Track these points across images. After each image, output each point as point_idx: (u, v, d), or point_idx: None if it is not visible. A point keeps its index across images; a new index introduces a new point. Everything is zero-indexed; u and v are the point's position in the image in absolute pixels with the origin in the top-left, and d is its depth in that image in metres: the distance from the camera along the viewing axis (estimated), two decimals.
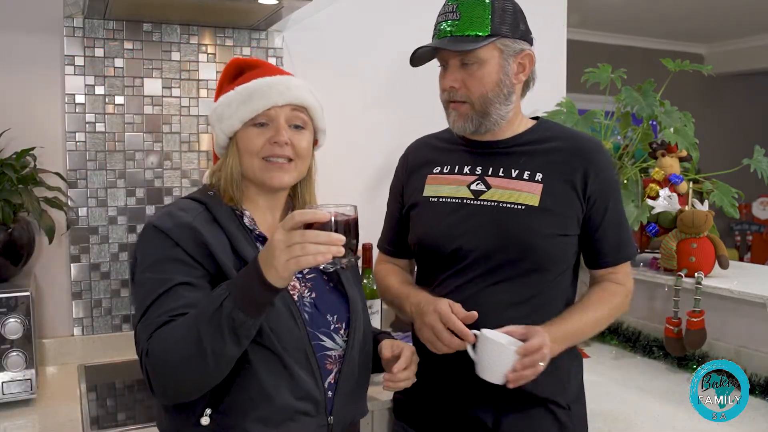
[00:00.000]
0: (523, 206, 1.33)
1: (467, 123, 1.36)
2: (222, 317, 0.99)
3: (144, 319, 1.07)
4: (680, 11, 4.82)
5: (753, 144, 2.23)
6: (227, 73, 1.27)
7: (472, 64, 1.31)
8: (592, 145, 1.40)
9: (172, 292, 1.07)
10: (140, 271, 1.11)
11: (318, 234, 0.96)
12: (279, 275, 0.97)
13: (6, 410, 1.56)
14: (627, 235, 1.43)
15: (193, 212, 1.14)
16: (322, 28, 2.20)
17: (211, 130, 1.25)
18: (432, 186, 1.44)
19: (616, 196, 1.40)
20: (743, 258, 5.90)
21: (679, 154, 2.16)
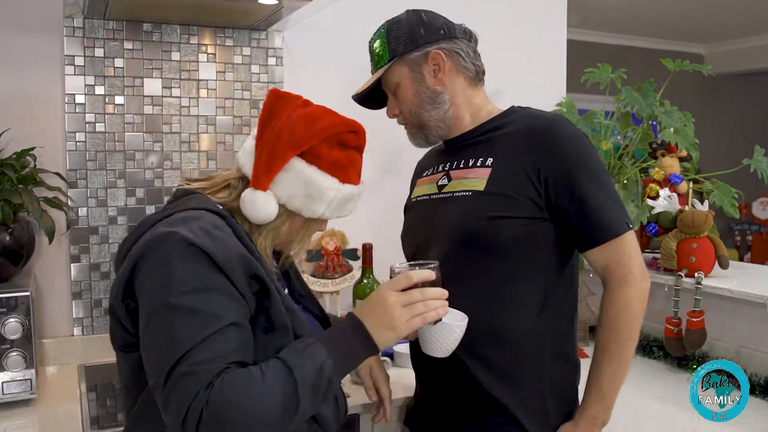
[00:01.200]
0: (470, 192, 1.32)
1: (416, 139, 1.44)
2: (322, 379, 0.95)
3: (189, 362, 0.88)
4: (680, 11, 4.82)
5: (753, 144, 2.23)
6: (348, 138, 1.11)
7: (394, 90, 1.40)
8: (545, 123, 1.32)
9: (223, 333, 0.91)
10: (172, 296, 0.91)
11: (434, 291, 1.06)
12: (398, 335, 1.01)
13: (6, 410, 1.56)
14: (608, 214, 1.28)
15: (227, 233, 1.00)
16: (322, 28, 2.20)
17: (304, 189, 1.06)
18: (417, 188, 1.52)
19: (584, 171, 1.27)
20: (743, 258, 5.90)
21: (679, 154, 2.16)
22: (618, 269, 1.28)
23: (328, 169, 1.08)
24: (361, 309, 1.03)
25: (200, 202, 1.06)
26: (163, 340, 0.91)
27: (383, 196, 2.33)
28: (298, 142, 1.05)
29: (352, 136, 1.11)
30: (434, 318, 1.05)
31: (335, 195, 1.08)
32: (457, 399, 1.33)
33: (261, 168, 1.06)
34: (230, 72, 2.11)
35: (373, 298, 1.04)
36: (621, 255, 1.28)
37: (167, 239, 0.95)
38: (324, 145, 1.07)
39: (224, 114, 2.11)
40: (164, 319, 0.91)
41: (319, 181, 1.06)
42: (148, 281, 0.94)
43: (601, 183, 1.29)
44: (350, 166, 1.11)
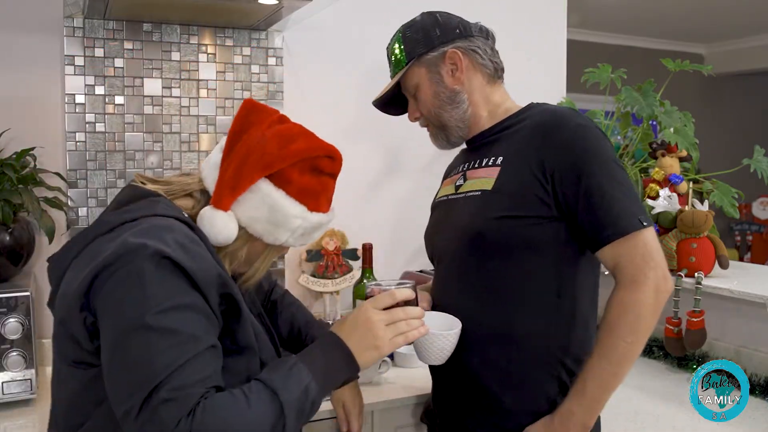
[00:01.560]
0: (480, 192, 1.30)
1: (437, 140, 1.44)
2: (307, 402, 0.92)
3: (169, 388, 0.82)
4: (680, 11, 4.82)
5: (753, 144, 2.23)
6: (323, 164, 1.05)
7: (414, 93, 1.40)
8: (555, 118, 1.27)
9: (203, 356, 0.86)
10: (148, 315, 0.83)
11: (414, 309, 1.06)
12: (381, 354, 1.00)
13: (6, 410, 1.56)
14: (617, 210, 1.18)
15: (202, 247, 0.94)
16: (322, 28, 2.20)
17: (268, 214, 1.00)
18: (441, 189, 1.51)
19: (591, 163, 1.20)
20: (743, 258, 5.90)
21: (679, 154, 2.16)
22: (627, 268, 1.18)
23: (297, 196, 1.01)
24: (343, 328, 1.01)
25: (167, 208, 0.97)
26: (138, 363, 0.83)
27: (384, 197, 2.33)
28: (268, 163, 0.98)
29: (327, 162, 1.05)
30: (416, 336, 1.05)
31: (301, 224, 1.02)
32: (465, 400, 1.32)
33: (225, 186, 0.98)
34: (230, 72, 2.11)
35: (356, 316, 1.01)
36: (633, 255, 1.18)
37: (139, 251, 0.86)
38: (295, 169, 1.00)
39: (224, 114, 2.11)
40: (140, 340, 0.83)
41: (285, 208, 1.00)
42: (115, 297, 0.86)
43: (610, 175, 1.20)
44: (322, 193, 1.04)
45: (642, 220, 1.19)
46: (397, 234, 2.34)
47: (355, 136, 2.26)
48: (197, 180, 1.05)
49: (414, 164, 2.37)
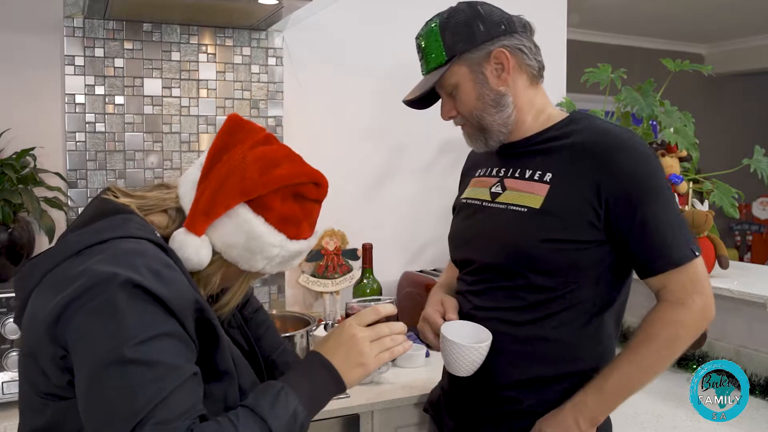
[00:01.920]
0: (526, 208, 1.25)
1: (474, 141, 1.35)
2: (296, 425, 0.89)
3: (153, 422, 0.78)
4: (680, 11, 4.81)
5: (753, 144, 2.23)
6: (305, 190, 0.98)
7: (452, 91, 1.31)
8: (613, 140, 1.23)
9: (185, 386, 0.82)
10: (126, 348, 0.79)
11: (398, 325, 1.02)
12: (367, 371, 0.97)
13: (6, 410, 1.56)
14: (671, 240, 1.19)
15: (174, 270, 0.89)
16: (322, 28, 2.20)
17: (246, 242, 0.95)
18: (469, 189, 1.43)
19: (650, 195, 1.19)
20: (743, 258, 5.90)
21: (679, 154, 2.16)
22: (676, 292, 1.20)
23: (277, 224, 0.95)
24: (326, 346, 0.97)
25: (139, 227, 0.91)
26: (118, 398, 0.79)
27: (384, 197, 2.33)
28: (248, 189, 0.93)
29: (311, 189, 0.98)
30: (401, 352, 1.01)
31: (279, 252, 0.97)
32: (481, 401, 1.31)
33: (200, 210, 0.93)
34: (230, 72, 2.11)
35: (340, 333, 0.98)
36: (683, 281, 1.20)
37: (110, 281, 0.81)
38: (277, 195, 0.95)
39: (224, 114, 2.11)
40: (118, 375, 0.79)
41: (264, 236, 0.94)
42: (88, 330, 0.81)
43: (665, 204, 1.20)
44: (304, 220, 0.99)
45: (694, 249, 1.21)
46: (397, 234, 2.34)
47: (355, 136, 2.26)
48: (174, 196, 0.99)
49: (414, 164, 2.37)
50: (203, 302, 0.89)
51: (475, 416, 1.33)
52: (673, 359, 1.22)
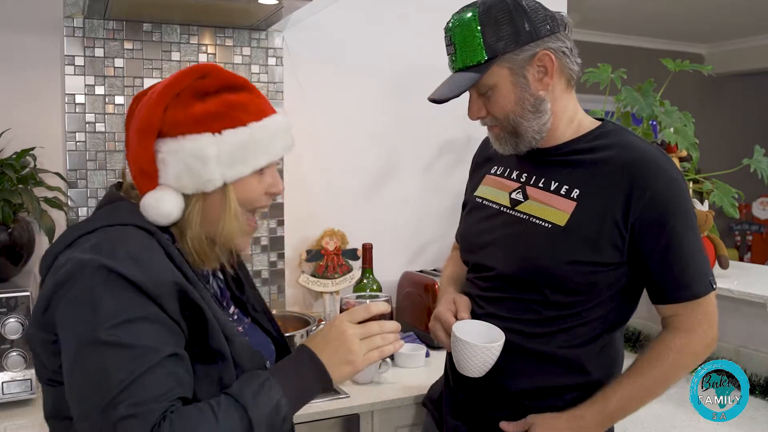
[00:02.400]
0: (550, 224, 1.21)
1: (504, 145, 1.27)
2: (278, 417, 0.89)
3: (128, 403, 0.80)
4: (680, 11, 4.82)
5: (753, 144, 2.23)
6: (198, 86, 0.95)
7: (486, 91, 1.22)
8: (645, 160, 1.18)
9: (161, 367, 0.83)
10: (100, 331, 0.82)
11: (390, 324, 1.01)
12: (355, 369, 0.96)
13: (6, 410, 1.56)
14: (693, 270, 1.18)
15: (157, 254, 0.90)
16: (322, 28, 2.20)
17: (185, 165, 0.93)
18: (484, 187, 1.39)
19: (677, 222, 1.17)
20: (743, 258, 5.89)
21: (679, 154, 2.16)
22: (687, 321, 1.21)
23: (196, 129, 0.93)
24: (315, 341, 0.97)
25: (127, 214, 0.94)
26: (94, 380, 0.82)
27: (383, 197, 2.33)
28: (145, 126, 0.93)
29: (206, 82, 0.95)
30: (391, 351, 1.00)
31: (218, 149, 0.93)
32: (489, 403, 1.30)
33: (136, 172, 0.96)
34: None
35: (330, 329, 0.97)
36: (696, 312, 1.21)
37: (86, 267, 0.85)
38: (177, 109, 0.93)
39: None
40: (93, 357, 0.82)
41: (188, 147, 0.92)
42: (69, 315, 0.85)
43: (690, 232, 1.19)
44: (229, 111, 0.95)
45: (712, 282, 1.21)
46: (397, 234, 2.34)
47: (355, 136, 2.26)
48: None
49: (414, 164, 2.37)
50: (184, 283, 0.89)
51: (481, 417, 1.33)
52: (674, 383, 1.23)
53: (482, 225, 1.34)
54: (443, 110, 1.41)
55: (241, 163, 0.95)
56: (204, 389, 0.90)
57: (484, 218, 1.34)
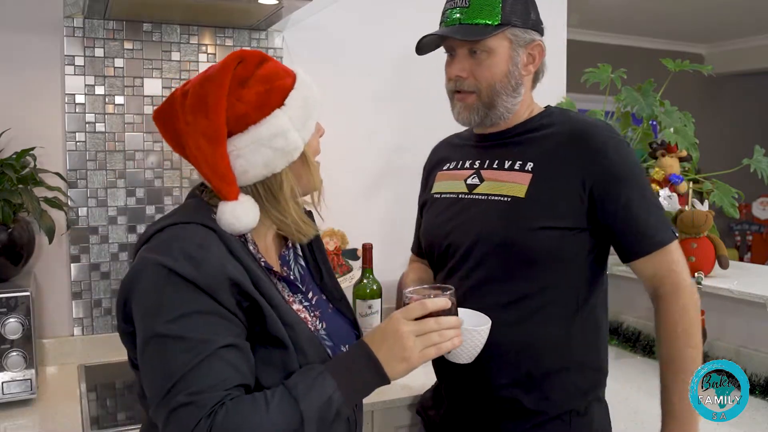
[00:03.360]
0: (509, 198, 1.26)
1: (472, 114, 1.31)
2: (330, 412, 0.92)
3: (186, 392, 0.86)
4: (680, 11, 4.81)
5: (753, 144, 2.23)
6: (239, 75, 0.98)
7: (480, 53, 1.27)
8: (592, 128, 1.28)
9: (217, 357, 0.88)
10: (160, 325, 0.89)
11: (449, 319, 1.01)
12: (411, 366, 0.97)
13: (6, 410, 1.56)
14: (655, 220, 1.26)
15: (214, 250, 0.93)
16: (322, 28, 2.20)
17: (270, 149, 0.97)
18: (439, 183, 1.44)
19: (630, 179, 1.25)
20: (743, 258, 5.90)
21: (679, 154, 2.16)
22: (669, 277, 1.26)
23: (262, 114, 0.97)
24: (373, 338, 0.98)
25: (194, 211, 0.99)
26: (156, 369, 0.89)
27: (383, 197, 2.33)
28: (215, 134, 0.94)
29: (240, 69, 0.98)
30: (449, 348, 1.01)
31: (289, 118, 0.98)
32: (479, 401, 1.31)
33: (215, 182, 0.96)
34: None
35: (386, 327, 0.99)
36: (669, 263, 1.26)
37: (148, 266, 0.92)
38: (234, 105, 0.96)
39: None
40: (155, 349, 0.89)
41: (268, 132, 0.96)
42: (137, 310, 0.92)
43: (645, 191, 1.27)
44: (270, 87, 0.98)
45: (674, 230, 1.28)
46: (397, 234, 2.33)
47: (356, 136, 2.26)
48: None
49: (414, 164, 2.37)
50: (239, 278, 0.92)
51: (472, 419, 1.33)
52: (701, 341, 1.26)
53: (442, 216, 1.38)
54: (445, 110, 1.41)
55: (306, 120, 1.00)
56: (268, 375, 0.94)
57: (443, 209, 1.38)
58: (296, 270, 1.14)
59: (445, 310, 1.02)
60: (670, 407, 1.24)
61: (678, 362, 1.24)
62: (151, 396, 0.90)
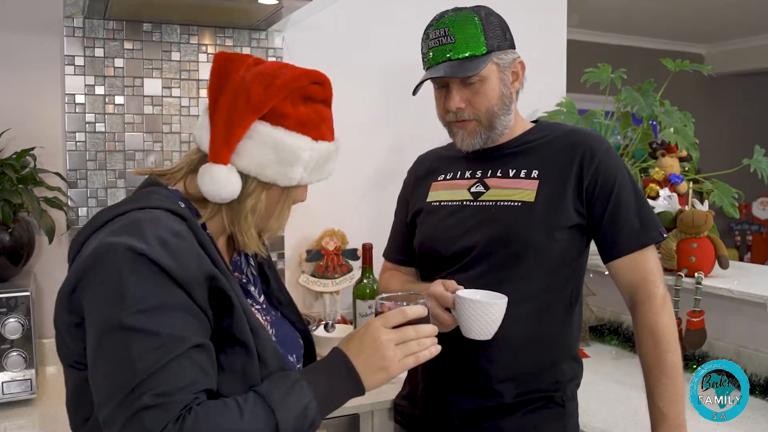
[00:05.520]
0: (520, 203, 1.32)
1: (475, 139, 1.37)
2: (306, 421, 0.88)
3: (152, 393, 0.79)
4: (680, 11, 4.82)
5: (753, 144, 2.23)
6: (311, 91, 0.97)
7: (474, 83, 1.32)
8: (586, 136, 1.38)
9: (187, 358, 0.82)
10: (126, 315, 0.80)
11: (426, 328, 0.99)
12: (389, 376, 0.94)
13: (6, 410, 1.56)
14: (643, 221, 1.32)
15: (188, 240, 0.88)
16: (322, 28, 2.20)
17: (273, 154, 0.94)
18: (435, 192, 1.47)
19: (622, 181, 1.33)
20: (743, 258, 5.89)
21: (679, 154, 2.16)
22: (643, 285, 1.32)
23: (298, 128, 0.95)
24: (350, 346, 0.95)
25: (160, 198, 0.93)
26: (117, 366, 0.80)
27: (383, 197, 2.33)
28: (257, 105, 0.93)
29: (317, 89, 0.98)
30: (427, 357, 0.98)
31: (311, 155, 0.96)
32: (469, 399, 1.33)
33: (218, 140, 0.93)
34: None
35: (364, 334, 0.95)
36: (645, 271, 1.32)
37: (114, 250, 0.83)
38: (287, 102, 0.94)
39: None
40: (118, 342, 0.80)
41: (290, 143, 0.94)
42: (95, 298, 0.83)
43: (635, 188, 1.35)
44: (321, 122, 0.98)
45: (662, 231, 1.34)
46: None
47: (355, 136, 2.26)
48: (195, 149, 1.00)
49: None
50: (215, 272, 0.88)
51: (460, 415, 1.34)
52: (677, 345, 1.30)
53: (447, 222, 1.40)
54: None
55: (318, 173, 0.99)
56: (227, 382, 0.88)
57: (446, 216, 1.41)
58: (248, 273, 1.10)
59: (421, 318, 1.00)
60: (657, 411, 1.28)
61: (658, 367, 1.29)
62: (106, 396, 0.81)
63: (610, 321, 2.25)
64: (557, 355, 1.35)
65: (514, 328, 1.26)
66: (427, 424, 1.41)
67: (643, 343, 1.32)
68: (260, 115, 0.93)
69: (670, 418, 1.27)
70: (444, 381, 1.36)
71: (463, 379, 1.33)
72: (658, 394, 1.28)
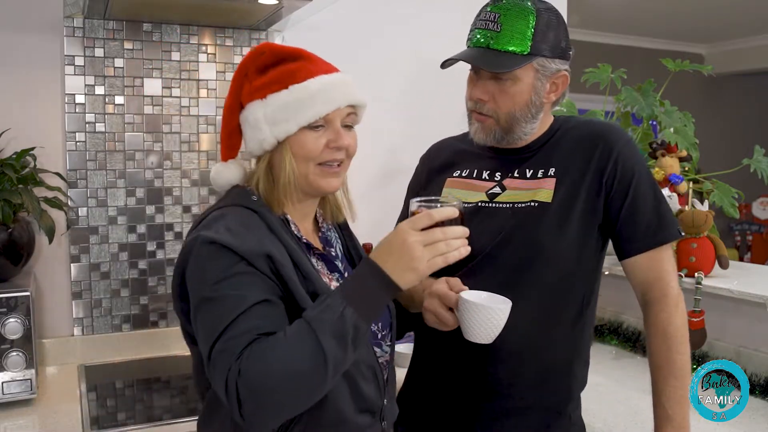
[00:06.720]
0: (537, 203, 1.27)
1: (488, 136, 1.32)
2: (345, 327, 0.93)
3: (222, 341, 0.93)
4: (680, 11, 4.82)
5: (753, 144, 2.23)
6: (259, 63, 1.10)
7: (505, 80, 1.26)
8: (604, 126, 1.32)
9: (252, 311, 0.95)
10: (207, 289, 0.97)
11: (456, 229, 1.00)
12: (419, 275, 0.97)
13: (6, 410, 1.56)
14: (661, 215, 1.29)
15: (254, 225, 1.03)
16: (322, 28, 2.20)
17: (250, 131, 1.09)
18: (451, 189, 1.41)
19: (641, 175, 1.29)
20: (743, 258, 5.89)
21: (679, 154, 2.16)
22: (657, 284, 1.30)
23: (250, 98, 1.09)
24: (379, 252, 0.99)
25: (236, 196, 1.11)
26: (205, 329, 0.97)
27: (383, 197, 2.33)
28: (228, 102, 1.13)
29: (264, 58, 1.11)
30: (456, 258, 0.99)
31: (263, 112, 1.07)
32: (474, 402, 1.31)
33: (224, 143, 1.16)
34: (230, 72, 2.11)
35: (392, 239, 0.99)
36: (659, 270, 1.30)
37: (195, 243, 1.01)
38: (246, 85, 1.10)
39: None
40: (204, 312, 0.98)
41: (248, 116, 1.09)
42: (190, 285, 1.02)
43: (654, 184, 1.31)
44: (278, 79, 1.08)
45: (680, 229, 1.31)
46: None
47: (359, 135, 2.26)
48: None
49: (415, 163, 2.37)
50: (275, 255, 1.00)
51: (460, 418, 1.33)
52: (688, 347, 1.28)
53: None
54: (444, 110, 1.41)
55: (284, 122, 1.06)
56: None
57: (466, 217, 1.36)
58: (338, 249, 1.21)
59: (451, 220, 1.00)
60: (663, 412, 1.26)
61: (667, 368, 1.27)
62: (205, 355, 0.97)
63: (610, 321, 2.25)
64: (569, 356, 1.32)
65: (524, 330, 1.24)
66: (429, 425, 1.40)
67: (654, 343, 1.29)
68: (237, 110, 1.12)
69: (675, 420, 1.25)
70: (448, 382, 1.35)
71: (468, 381, 1.31)
72: (666, 396, 1.26)
